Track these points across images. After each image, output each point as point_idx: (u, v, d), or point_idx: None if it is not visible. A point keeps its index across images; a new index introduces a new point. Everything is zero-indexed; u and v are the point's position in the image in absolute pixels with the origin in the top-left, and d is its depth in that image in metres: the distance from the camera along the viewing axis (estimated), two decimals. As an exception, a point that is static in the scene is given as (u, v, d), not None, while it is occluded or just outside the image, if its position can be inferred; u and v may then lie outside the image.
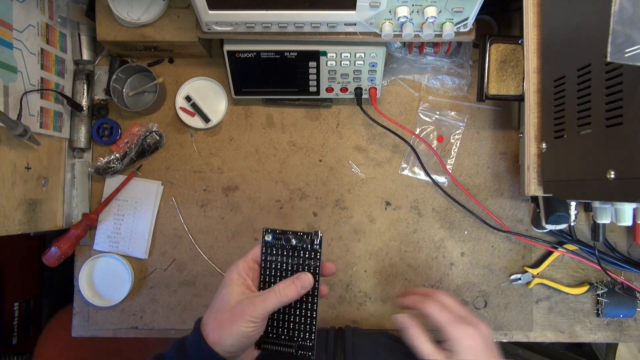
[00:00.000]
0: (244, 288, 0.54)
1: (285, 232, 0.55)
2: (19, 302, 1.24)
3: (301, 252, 0.55)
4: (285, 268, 0.55)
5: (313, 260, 0.54)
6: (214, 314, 0.52)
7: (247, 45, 0.68)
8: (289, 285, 0.52)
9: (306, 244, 0.54)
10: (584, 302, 0.77)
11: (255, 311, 0.50)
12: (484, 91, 0.69)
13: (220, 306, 0.52)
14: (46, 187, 0.72)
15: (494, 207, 0.77)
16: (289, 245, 0.55)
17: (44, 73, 0.70)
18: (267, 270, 0.56)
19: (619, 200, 0.46)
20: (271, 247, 0.55)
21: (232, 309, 0.51)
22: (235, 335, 0.50)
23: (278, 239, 0.55)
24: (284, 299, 0.51)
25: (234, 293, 0.52)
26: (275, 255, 0.55)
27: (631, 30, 0.36)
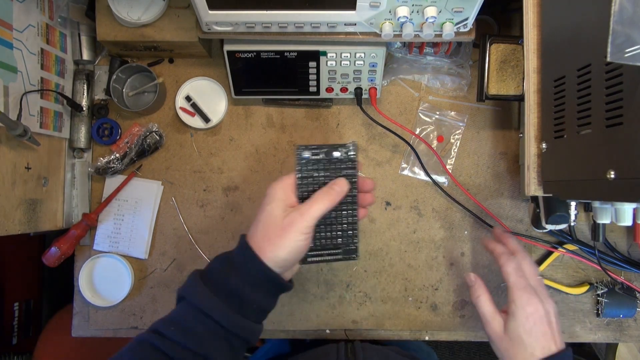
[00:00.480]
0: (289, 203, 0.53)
1: (320, 146, 0.56)
2: (19, 302, 1.24)
3: (337, 164, 0.56)
4: (322, 182, 0.56)
5: (350, 170, 0.56)
6: (262, 230, 0.51)
7: (247, 45, 0.68)
8: (328, 191, 0.53)
9: (342, 154, 0.56)
10: (584, 302, 0.77)
11: (304, 221, 0.50)
12: (484, 91, 0.69)
13: (268, 222, 0.51)
14: (46, 187, 0.72)
15: (494, 207, 0.77)
16: (327, 158, 0.56)
17: (44, 73, 0.70)
18: (305, 186, 0.56)
19: (619, 200, 0.46)
20: (307, 163, 0.56)
21: (281, 223, 0.51)
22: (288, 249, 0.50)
23: (315, 154, 0.56)
24: (328, 203, 0.52)
25: (280, 208, 0.52)
26: (312, 171, 0.56)
27: (631, 30, 0.36)
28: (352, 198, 0.57)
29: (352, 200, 0.57)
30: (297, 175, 0.55)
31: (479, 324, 0.77)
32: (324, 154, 0.56)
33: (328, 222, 0.57)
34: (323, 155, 0.56)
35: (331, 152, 0.56)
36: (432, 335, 0.78)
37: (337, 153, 0.56)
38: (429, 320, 0.77)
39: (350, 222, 0.57)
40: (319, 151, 0.56)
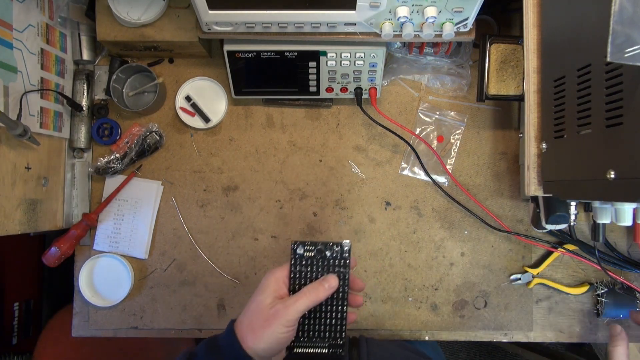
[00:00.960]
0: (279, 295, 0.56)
1: (315, 244, 0.58)
2: (19, 302, 1.24)
3: (330, 261, 0.58)
4: (314, 277, 0.58)
5: (342, 268, 0.58)
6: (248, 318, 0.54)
7: (247, 45, 0.68)
8: (316, 287, 0.55)
9: (335, 253, 0.58)
10: (584, 302, 0.77)
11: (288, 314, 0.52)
12: (484, 91, 0.69)
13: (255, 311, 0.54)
14: (46, 187, 0.72)
15: (494, 207, 0.77)
16: (320, 255, 0.58)
17: (44, 73, 0.70)
18: (297, 280, 0.58)
19: (619, 200, 0.46)
20: (301, 258, 0.58)
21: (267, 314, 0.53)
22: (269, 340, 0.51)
23: (308, 251, 0.58)
24: (314, 299, 0.54)
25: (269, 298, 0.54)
26: (305, 266, 0.58)
27: (631, 30, 0.36)
28: (343, 294, 0.58)
29: (342, 296, 0.58)
30: (291, 268, 0.57)
31: (479, 323, 0.77)
32: (318, 251, 0.58)
33: (317, 315, 0.58)
34: (316, 253, 0.58)
35: (324, 251, 0.58)
36: (432, 335, 0.78)
37: (330, 252, 0.58)
38: (429, 320, 0.77)
39: (339, 317, 0.58)
40: (314, 248, 0.58)
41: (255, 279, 0.77)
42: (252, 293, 0.76)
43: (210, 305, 0.78)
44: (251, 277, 0.78)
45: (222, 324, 0.77)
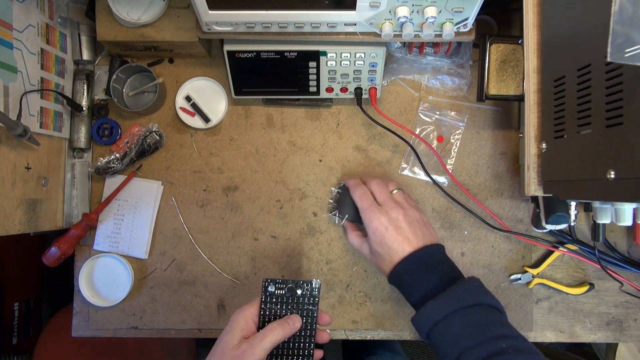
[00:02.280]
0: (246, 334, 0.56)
1: (286, 282, 0.60)
2: (19, 302, 1.24)
3: (300, 299, 0.60)
4: (284, 315, 0.60)
5: (311, 306, 0.60)
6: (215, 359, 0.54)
7: (247, 45, 0.68)
8: (281, 324, 0.56)
9: (306, 291, 0.60)
10: (584, 302, 0.77)
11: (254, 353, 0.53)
12: (484, 91, 0.69)
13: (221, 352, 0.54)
14: (46, 187, 0.72)
15: (494, 207, 0.77)
16: (290, 293, 0.60)
17: (44, 73, 0.70)
18: (267, 317, 0.60)
19: (619, 200, 0.46)
20: (271, 296, 0.60)
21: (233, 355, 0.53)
22: None
23: (280, 289, 0.60)
24: (279, 336, 0.55)
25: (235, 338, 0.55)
26: (276, 304, 0.60)
27: (631, 30, 0.36)
28: (310, 332, 0.60)
29: (309, 333, 0.60)
30: (261, 305, 0.59)
31: (479, 324, 0.77)
32: (289, 289, 0.60)
33: (284, 353, 0.59)
34: (286, 291, 0.60)
35: (295, 289, 0.60)
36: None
37: (300, 290, 0.60)
38: (429, 320, 0.77)
39: (305, 354, 0.60)
40: (284, 286, 0.60)
41: (255, 279, 0.77)
42: (252, 293, 0.77)
43: (210, 305, 0.78)
44: (251, 277, 0.78)
45: (222, 324, 0.77)
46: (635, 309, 0.77)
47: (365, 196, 0.66)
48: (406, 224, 0.63)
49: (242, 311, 0.57)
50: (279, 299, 0.59)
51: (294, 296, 0.59)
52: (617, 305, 0.77)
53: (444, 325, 0.55)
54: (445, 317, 0.55)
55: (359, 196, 0.67)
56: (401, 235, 0.62)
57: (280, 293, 0.59)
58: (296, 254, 0.78)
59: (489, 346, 0.51)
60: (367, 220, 0.64)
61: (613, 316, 0.77)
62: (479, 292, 0.58)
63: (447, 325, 0.55)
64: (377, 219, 0.63)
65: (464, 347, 0.52)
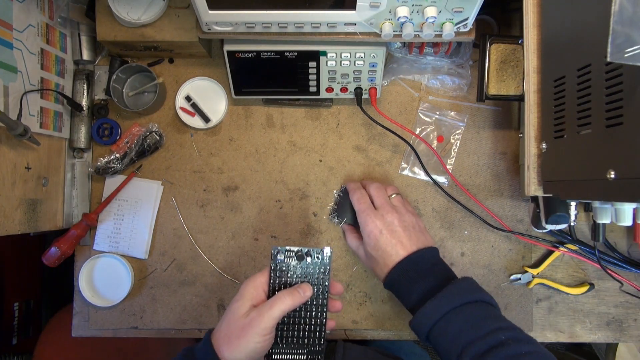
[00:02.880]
0: (256, 302, 0.55)
1: (296, 250, 0.58)
2: (19, 302, 1.24)
3: (311, 268, 0.58)
4: (294, 283, 0.58)
5: (322, 274, 0.58)
6: (225, 328, 0.53)
7: (247, 45, 0.68)
8: (291, 292, 0.54)
9: (316, 259, 0.58)
10: (584, 302, 0.77)
11: (263, 322, 0.51)
12: (484, 91, 0.69)
13: (231, 320, 0.53)
14: (46, 187, 0.72)
15: (494, 207, 0.77)
16: (301, 262, 0.58)
17: (44, 73, 0.70)
18: (277, 286, 0.58)
19: (619, 200, 0.46)
20: (281, 264, 0.58)
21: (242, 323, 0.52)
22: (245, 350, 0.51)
23: (289, 257, 0.58)
24: (289, 304, 0.53)
25: (245, 307, 0.54)
26: (286, 272, 0.58)
27: (631, 30, 0.36)
28: (322, 301, 0.58)
29: (321, 302, 0.58)
30: (270, 274, 0.58)
31: (479, 324, 0.77)
32: (298, 257, 0.58)
33: (296, 322, 0.58)
34: (297, 259, 0.58)
35: (305, 257, 0.58)
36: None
37: (310, 258, 0.58)
38: (429, 320, 0.77)
39: (318, 324, 0.58)
40: (294, 254, 0.58)
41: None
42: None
43: (210, 305, 0.78)
44: (251, 277, 0.78)
45: (222, 324, 0.77)
46: (635, 309, 0.77)
47: (362, 199, 0.67)
48: (401, 228, 0.63)
49: (251, 280, 0.56)
50: (289, 267, 0.58)
51: (304, 264, 0.58)
52: (617, 305, 0.77)
53: (444, 323, 0.55)
54: (444, 315, 0.55)
55: (357, 199, 0.67)
56: (395, 239, 0.62)
57: (290, 261, 0.58)
58: (296, 254, 0.78)
59: (489, 340, 0.52)
60: (363, 224, 0.64)
61: (613, 316, 0.77)
62: (475, 289, 0.58)
63: (446, 323, 0.55)
64: (372, 222, 0.63)
65: (465, 342, 0.53)
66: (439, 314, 0.55)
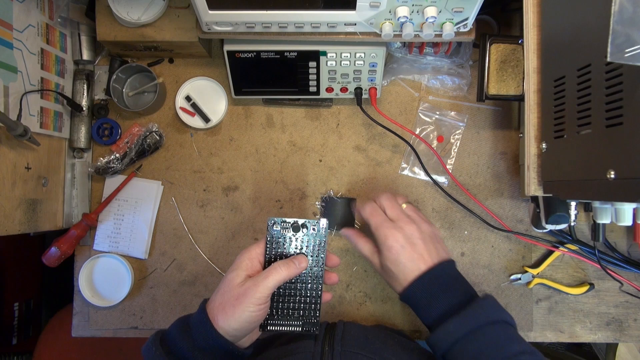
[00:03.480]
0: (251, 272, 0.55)
1: (291, 221, 0.58)
2: (19, 302, 1.24)
3: (306, 239, 0.58)
4: (290, 254, 0.58)
5: (318, 246, 0.58)
6: (219, 297, 0.53)
7: (247, 45, 0.68)
8: (287, 263, 0.55)
9: (312, 231, 0.58)
10: (584, 302, 0.77)
11: (258, 291, 0.51)
12: (484, 91, 0.69)
13: (225, 290, 0.53)
14: (46, 187, 0.72)
15: (494, 207, 0.77)
16: (296, 233, 0.58)
17: (44, 73, 0.70)
18: (273, 257, 0.58)
19: (619, 200, 0.46)
20: (277, 235, 0.58)
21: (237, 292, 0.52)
22: (240, 319, 0.51)
23: (285, 228, 0.58)
24: (284, 275, 0.53)
25: (240, 277, 0.54)
26: (282, 244, 0.58)
27: (631, 30, 0.36)
28: (318, 273, 0.58)
29: (317, 274, 0.58)
30: (267, 245, 0.58)
31: (479, 324, 0.77)
32: (294, 228, 0.58)
33: (292, 293, 0.58)
34: (293, 230, 0.58)
35: (301, 228, 0.58)
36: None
37: (306, 229, 0.58)
38: (429, 320, 0.77)
39: (313, 295, 0.58)
40: (290, 225, 0.58)
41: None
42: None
43: (210, 305, 0.78)
44: (251, 277, 0.78)
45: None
46: (635, 309, 0.77)
47: (376, 212, 0.64)
48: (421, 240, 0.61)
49: (247, 251, 0.56)
50: (284, 238, 0.58)
51: (300, 235, 0.58)
52: (617, 305, 0.77)
53: (465, 342, 0.54)
54: (467, 334, 0.54)
55: (370, 213, 0.64)
56: (416, 253, 0.60)
57: (286, 232, 0.58)
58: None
59: None
60: (382, 238, 0.61)
61: (613, 316, 0.77)
62: (497, 309, 0.57)
63: (468, 342, 0.54)
64: (392, 236, 0.60)
65: None
66: (462, 332, 0.54)
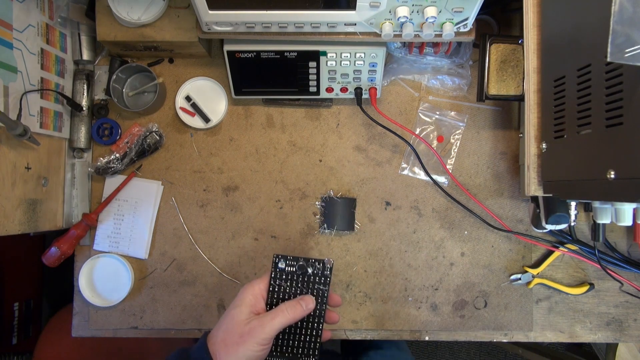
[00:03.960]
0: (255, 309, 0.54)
1: (297, 259, 0.58)
2: (19, 302, 1.24)
3: (311, 278, 0.58)
4: (294, 292, 0.58)
5: (322, 285, 0.58)
6: (222, 333, 0.52)
7: (247, 45, 0.68)
8: (294, 305, 0.54)
9: (317, 270, 0.58)
10: (584, 302, 0.77)
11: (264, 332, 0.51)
12: (484, 91, 0.69)
13: (229, 326, 0.52)
14: (46, 187, 0.72)
15: (494, 207, 0.77)
16: (301, 271, 0.58)
17: (44, 73, 0.70)
18: (276, 293, 0.58)
19: (619, 200, 0.46)
20: (281, 272, 0.58)
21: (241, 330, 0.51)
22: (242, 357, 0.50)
23: (290, 266, 0.58)
24: (290, 318, 0.53)
25: (244, 314, 0.53)
26: (285, 280, 0.58)
27: (631, 30, 0.36)
28: (320, 312, 0.58)
29: (319, 314, 0.58)
30: (270, 282, 0.58)
31: (479, 323, 0.77)
32: (299, 267, 0.58)
33: (292, 331, 0.58)
34: (297, 269, 0.58)
35: (306, 267, 0.58)
36: (432, 335, 0.78)
37: (311, 269, 0.58)
38: (429, 320, 0.77)
39: (314, 334, 0.58)
40: (295, 263, 0.58)
41: (255, 279, 0.77)
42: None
43: (210, 305, 0.78)
44: (251, 277, 0.78)
45: (222, 324, 0.77)
46: (635, 309, 0.77)
47: None
48: None
49: (251, 286, 0.56)
50: (289, 276, 0.58)
51: (305, 274, 0.58)
52: (617, 305, 0.77)
53: None
54: None
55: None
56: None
57: (291, 270, 0.58)
58: (296, 254, 0.78)
59: None
60: None
61: (613, 316, 0.77)
62: None
63: None
64: None
65: None
66: None
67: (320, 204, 0.77)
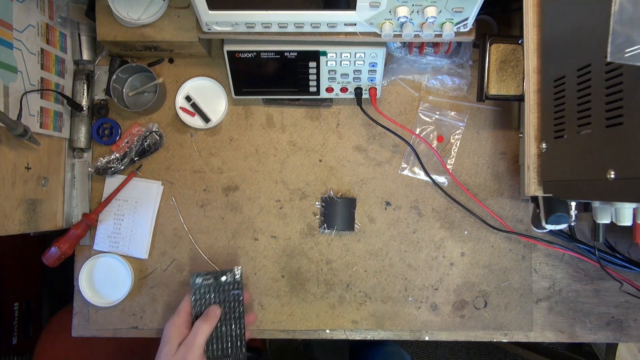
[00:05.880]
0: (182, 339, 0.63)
1: (210, 273, 0.68)
2: (19, 302, 1.24)
3: (226, 286, 0.69)
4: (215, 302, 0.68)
5: (236, 289, 0.69)
6: None
7: (247, 45, 0.68)
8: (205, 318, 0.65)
9: (229, 278, 0.69)
10: (584, 302, 0.77)
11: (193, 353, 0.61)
12: (484, 91, 0.69)
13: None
14: (46, 187, 0.72)
15: (494, 207, 0.77)
16: (217, 282, 0.68)
17: (44, 73, 0.70)
18: (200, 307, 0.68)
19: (619, 200, 0.46)
20: (200, 287, 0.68)
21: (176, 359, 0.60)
22: None
23: (206, 280, 0.68)
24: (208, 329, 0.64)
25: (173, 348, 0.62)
26: (205, 294, 0.68)
27: (631, 30, 0.36)
28: (239, 314, 0.68)
29: (238, 315, 0.68)
30: (192, 299, 0.67)
31: (479, 323, 0.77)
32: (214, 278, 0.68)
33: (219, 337, 0.67)
34: (213, 280, 0.68)
35: (220, 277, 0.69)
36: (432, 335, 0.78)
37: (225, 277, 0.69)
38: (429, 320, 0.77)
39: (237, 334, 0.68)
40: (210, 276, 0.68)
41: (255, 279, 0.77)
42: (252, 293, 0.77)
43: (210, 305, 0.78)
44: (251, 277, 0.78)
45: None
46: (635, 309, 0.77)
47: None
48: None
49: (171, 323, 0.65)
50: (207, 288, 0.68)
51: (220, 284, 0.68)
52: (617, 305, 0.77)
53: None
54: None
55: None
56: None
57: (207, 283, 0.68)
58: (296, 254, 0.78)
59: None
60: None
61: (613, 316, 0.77)
62: None
63: None
64: None
65: None
66: None
67: (320, 204, 0.77)
